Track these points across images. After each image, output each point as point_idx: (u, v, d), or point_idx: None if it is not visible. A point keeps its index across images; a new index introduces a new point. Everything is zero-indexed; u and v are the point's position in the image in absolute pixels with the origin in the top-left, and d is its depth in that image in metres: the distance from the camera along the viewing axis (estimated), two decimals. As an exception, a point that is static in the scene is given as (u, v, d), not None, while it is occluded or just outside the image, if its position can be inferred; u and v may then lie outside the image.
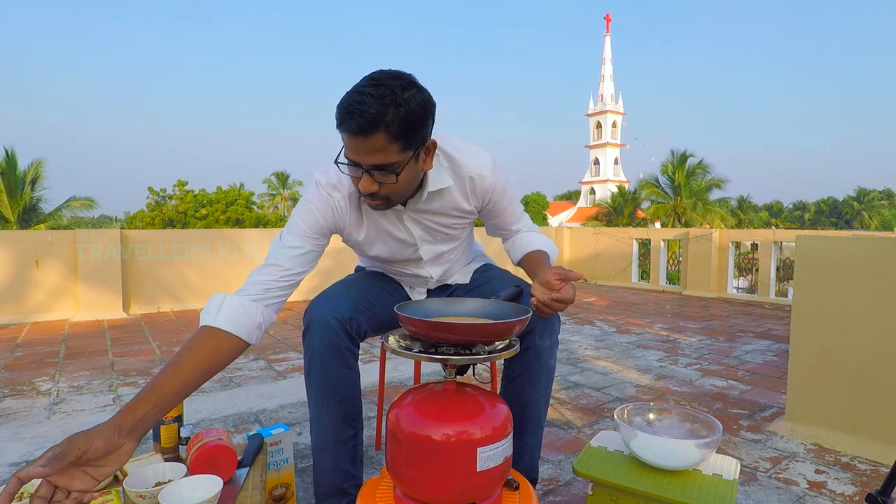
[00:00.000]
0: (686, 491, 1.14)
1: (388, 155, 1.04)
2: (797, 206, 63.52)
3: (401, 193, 1.14)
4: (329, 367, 1.21)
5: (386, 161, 1.05)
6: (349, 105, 1.01)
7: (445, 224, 1.31)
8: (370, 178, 1.08)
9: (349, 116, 1.01)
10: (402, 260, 1.38)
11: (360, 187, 1.10)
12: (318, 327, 1.20)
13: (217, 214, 20.02)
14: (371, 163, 1.05)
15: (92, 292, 4.88)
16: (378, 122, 1.00)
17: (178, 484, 1.04)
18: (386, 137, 1.02)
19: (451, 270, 1.48)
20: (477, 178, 1.25)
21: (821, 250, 2.01)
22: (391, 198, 1.14)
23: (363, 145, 1.03)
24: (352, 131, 1.01)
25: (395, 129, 1.02)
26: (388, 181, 1.08)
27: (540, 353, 1.27)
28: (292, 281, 1.19)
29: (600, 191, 47.21)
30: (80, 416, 2.30)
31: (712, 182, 25.96)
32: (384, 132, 1.01)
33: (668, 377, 2.91)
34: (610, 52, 50.51)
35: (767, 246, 6.26)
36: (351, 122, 1.01)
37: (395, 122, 1.01)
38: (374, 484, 1.11)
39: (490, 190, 1.28)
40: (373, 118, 0.99)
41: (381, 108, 1.00)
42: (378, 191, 1.10)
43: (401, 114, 1.01)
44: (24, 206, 19.17)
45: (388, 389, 2.64)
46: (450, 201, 1.26)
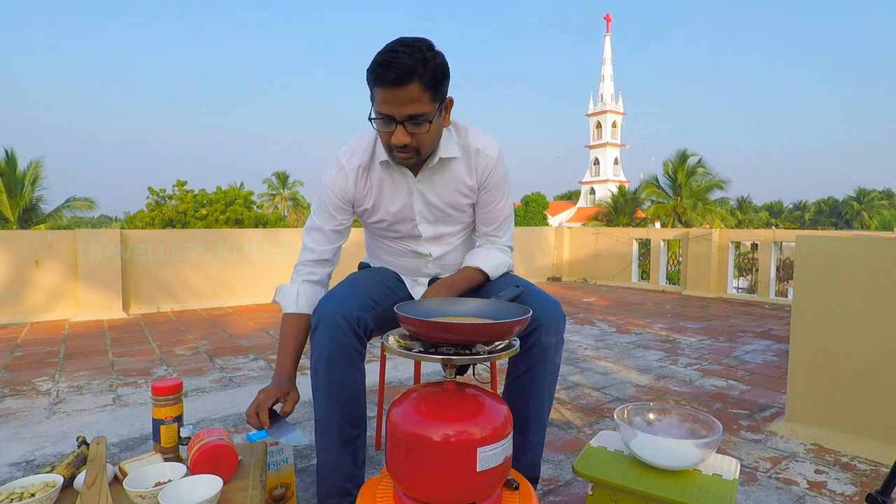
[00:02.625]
0: (686, 491, 1.14)
1: (421, 105, 1.16)
2: (797, 206, 63.48)
3: (428, 146, 1.25)
4: (336, 367, 1.21)
5: (419, 111, 1.16)
6: (384, 61, 1.12)
7: (448, 202, 1.39)
8: (403, 130, 1.18)
9: (386, 70, 1.12)
10: (402, 235, 1.44)
11: (394, 140, 1.19)
12: (326, 327, 1.21)
13: (216, 214, 20.01)
14: (406, 113, 1.16)
15: (92, 292, 4.88)
16: (413, 72, 1.12)
17: (178, 484, 1.04)
18: (420, 87, 1.14)
19: (450, 257, 1.49)
20: (483, 151, 1.35)
21: (821, 250, 2.01)
22: (420, 150, 1.24)
23: (399, 96, 1.14)
24: (389, 83, 1.12)
25: (427, 80, 1.14)
26: (421, 131, 1.19)
27: (545, 350, 1.27)
28: (329, 256, 1.42)
29: (600, 191, 47.19)
30: (80, 416, 2.30)
31: (713, 183, 25.91)
32: (418, 82, 1.13)
33: (668, 377, 2.91)
34: (610, 52, 50.49)
35: (767, 246, 6.26)
36: (388, 74, 1.11)
37: (426, 73, 1.13)
38: (374, 484, 1.11)
39: (490, 170, 1.37)
40: (408, 69, 1.11)
41: (415, 61, 1.12)
42: (410, 142, 1.20)
43: (430, 67, 1.14)
44: (24, 207, 19.14)
45: (388, 389, 2.64)
46: (455, 174, 1.36)
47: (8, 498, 1.04)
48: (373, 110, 1.19)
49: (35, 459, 1.88)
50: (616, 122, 50.27)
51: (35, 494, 1.04)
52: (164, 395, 1.25)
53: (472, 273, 1.40)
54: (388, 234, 1.47)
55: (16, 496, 1.04)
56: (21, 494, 1.04)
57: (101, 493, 1.03)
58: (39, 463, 1.85)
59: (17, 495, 1.04)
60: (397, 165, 1.34)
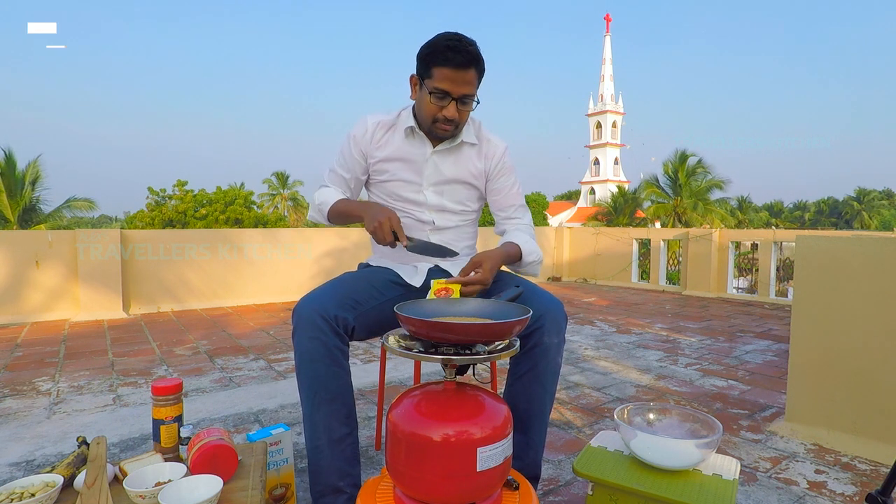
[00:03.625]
0: (686, 491, 1.14)
1: (473, 87, 1.36)
2: (797, 206, 63.48)
3: (463, 125, 1.44)
4: (318, 365, 1.22)
5: (471, 92, 1.36)
6: (453, 45, 1.29)
7: (456, 176, 1.51)
8: (455, 106, 1.36)
9: (455, 53, 1.29)
10: (407, 199, 1.51)
11: (447, 113, 1.36)
12: (305, 326, 1.22)
13: (216, 214, 20.01)
14: (462, 92, 1.34)
15: (92, 292, 4.88)
16: (476, 59, 1.32)
17: (178, 484, 1.04)
18: (476, 73, 1.34)
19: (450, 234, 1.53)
20: (493, 142, 1.55)
21: (821, 250, 2.01)
22: (459, 125, 1.42)
23: (462, 77, 1.32)
24: (457, 64, 1.30)
25: (481, 68, 1.36)
26: (467, 108, 1.39)
27: (547, 350, 1.28)
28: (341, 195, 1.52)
29: (600, 191, 47.20)
30: (80, 416, 2.30)
31: (713, 183, 25.92)
32: (475, 69, 1.33)
33: (668, 377, 2.91)
34: (610, 52, 50.50)
35: (767, 246, 6.26)
36: (459, 57, 1.29)
37: (482, 63, 1.35)
38: (374, 484, 1.11)
39: (499, 158, 1.54)
40: (474, 55, 1.32)
41: (477, 50, 1.33)
42: (457, 118, 1.37)
43: (482, 59, 1.35)
44: (24, 206, 19.13)
45: (388, 389, 2.64)
46: (468, 156, 1.52)
47: (8, 498, 1.04)
48: (428, 85, 1.34)
49: (35, 459, 1.88)
50: (616, 122, 50.26)
51: (35, 494, 1.04)
52: (164, 395, 1.25)
53: (512, 248, 1.44)
54: (394, 195, 1.51)
55: (16, 496, 1.04)
56: (21, 494, 1.04)
57: (101, 493, 1.03)
58: (39, 463, 1.85)
59: (17, 495, 1.04)
60: (421, 134, 1.46)
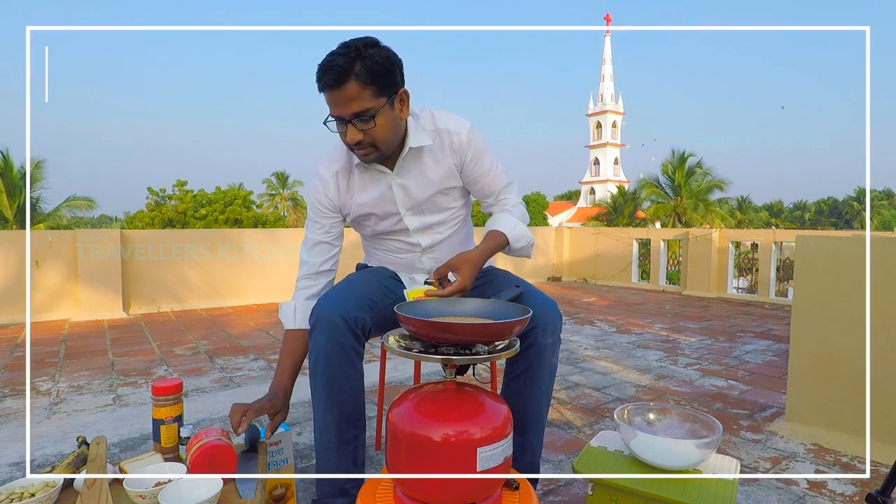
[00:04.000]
0: (686, 491, 1.14)
1: (363, 101, 1.19)
2: (797, 206, 63.46)
3: (385, 140, 1.26)
4: (334, 366, 1.21)
5: (362, 107, 1.19)
6: (322, 66, 1.18)
7: (430, 189, 1.40)
8: (354, 128, 1.22)
9: (324, 74, 1.18)
10: (391, 231, 1.48)
11: (347, 139, 1.24)
12: (324, 326, 1.21)
13: (216, 214, 20.01)
14: (351, 111, 1.20)
15: (92, 292, 4.88)
16: (347, 71, 1.16)
17: (178, 484, 1.04)
18: (357, 85, 1.17)
19: (442, 248, 1.50)
20: (454, 132, 1.37)
21: (821, 250, 2.01)
22: (377, 144, 1.26)
23: (340, 96, 1.18)
24: (328, 85, 1.18)
25: (364, 77, 1.17)
26: (368, 126, 1.22)
27: (542, 350, 1.27)
28: (327, 267, 1.46)
29: (600, 191, 47.20)
30: (80, 416, 2.30)
31: (713, 183, 25.93)
32: (354, 80, 1.17)
33: (668, 377, 2.90)
34: (610, 52, 50.52)
35: (767, 246, 6.26)
36: (326, 77, 1.17)
37: (362, 70, 1.17)
38: (374, 484, 1.11)
39: (466, 146, 1.38)
40: (342, 69, 1.16)
41: (348, 60, 1.16)
42: (363, 139, 1.24)
43: (367, 64, 1.17)
44: (20, 205, 19.07)
45: (388, 389, 2.64)
46: (432, 160, 1.38)
47: (8, 498, 1.04)
48: (328, 116, 1.25)
49: (35, 459, 1.88)
50: (616, 122, 50.28)
51: (35, 494, 1.04)
52: (164, 395, 1.25)
53: (496, 239, 1.35)
54: (378, 234, 1.49)
55: (16, 496, 1.04)
56: (21, 494, 1.04)
57: (101, 493, 1.03)
58: (39, 463, 1.85)
59: (17, 495, 1.04)
60: (374, 165, 1.37)
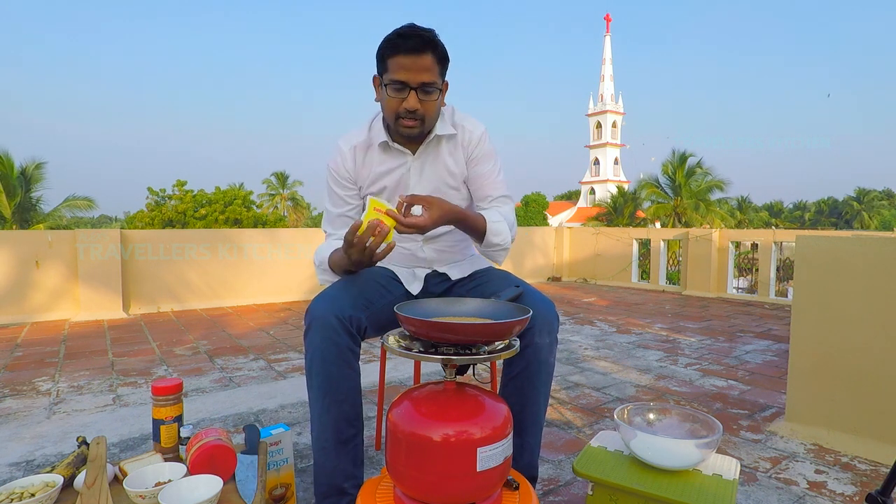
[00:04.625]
0: (686, 491, 1.14)
1: (432, 74, 1.27)
2: (797, 206, 63.46)
3: (431, 118, 1.34)
4: (330, 366, 1.21)
5: (431, 79, 1.27)
6: (404, 32, 1.24)
7: (441, 178, 1.44)
8: (416, 96, 1.27)
9: (405, 39, 1.23)
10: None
11: (406, 104, 1.27)
12: (319, 326, 1.21)
13: (216, 214, 20.00)
14: (420, 80, 1.26)
15: (92, 292, 4.88)
16: (430, 43, 1.25)
17: (178, 484, 1.05)
18: (433, 59, 1.26)
19: (444, 241, 1.49)
20: (468, 129, 1.44)
21: (821, 250, 2.01)
22: (425, 119, 1.32)
23: (416, 64, 1.24)
24: (408, 50, 1.23)
25: (439, 54, 1.27)
26: (430, 99, 1.29)
27: (539, 350, 1.27)
28: None
29: (600, 191, 47.20)
30: (80, 416, 2.30)
31: (713, 183, 25.94)
32: (432, 54, 1.26)
33: (668, 377, 2.91)
34: (610, 52, 50.52)
35: (767, 246, 6.26)
36: (408, 42, 1.23)
37: (439, 48, 1.27)
38: (374, 484, 1.11)
39: (476, 144, 1.44)
40: (427, 39, 1.24)
41: (431, 34, 1.26)
42: (419, 109, 1.28)
43: (440, 46, 1.28)
44: (17, 204, 19.03)
45: (388, 389, 2.64)
46: (449, 151, 1.43)
47: (8, 498, 1.04)
48: (386, 79, 1.27)
49: (35, 459, 1.88)
50: (616, 122, 50.28)
51: (35, 494, 1.04)
52: (164, 395, 1.25)
53: (478, 218, 1.31)
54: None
55: (16, 496, 1.04)
56: (21, 494, 1.05)
57: (101, 493, 1.03)
58: (39, 463, 1.85)
59: (17, 495, 1.04)
60: (395, 145, 1.39)
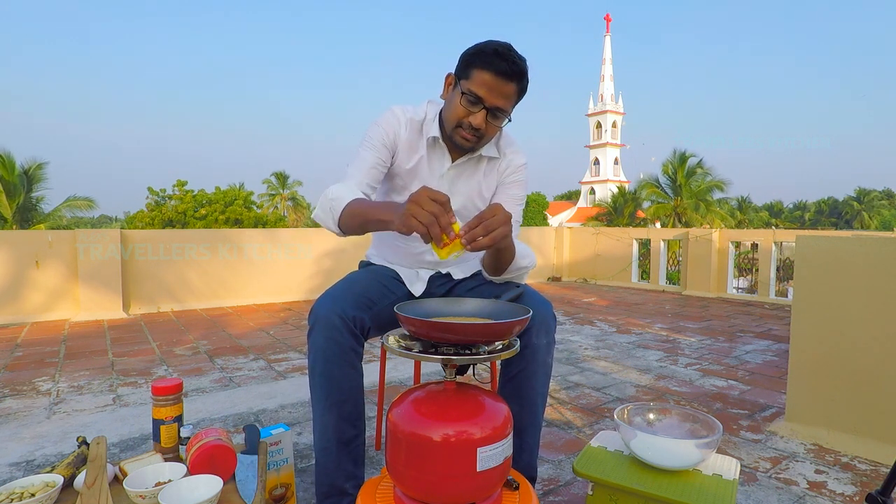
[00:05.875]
0: (686, 491, 1.14)
1: (509, 102, 1.27)
2: (797, 206, 63.48)
3: (487, 140, 1.34)
4: (333, 366, 1.21)
5: (506, 107, 1.27)
6: (502, 51, 1.21)
7: (469, 197, 1.43)
8: (485, 116, 1.26)
9: (502, 60, 1.21)
10: None
11: (473, 120, 1.27)
12: (322, 326, 1.21)
13: (216, 214, 20.00)
14: (496, 104, 1.25)
15: (92, 292, 4.88)
16: (521, 74, 1.24)
17: (178, 484, 1.04)
18: (516, 90, 1.26)
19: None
20: (511, 157, 1.45)
21: (821, 250, 2.01)
22: (483, 139, 1.32)
23: (502, 88, 1.23)
24: (500, 72, 1.21)
25: (522, 87, 1.28)
26: (497, 123, 1.30)
27: (537, 351, 1.27)
28: (363, 190, 1.32)
29: (600, 191, 47.19)
30: (80, 416, 2.30)
31: (713, 183, 25.95)
32: (517, 83, 1.25)
33: (668, 377, 2.91)
34: (610, 52, 50.50)
35: (767, 246, 6.26)
36: (504, 64, 1.21)
37: (524, 80, 1.27)
38: (374, 484, 1.11)
39: (513, 172, 1.45)
40: (521, 69, 1.24)
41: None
42: (482, 129, 1.28)
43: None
44: (18, 204, 19.03)
45: (388, 389, 2.64)
46: (485, 172, 1.43)
47: (8, 498, 1.04)
48: (463, 86, 1.25)
49: (35, 459, 1.88)
50: (616, 122, 50.26)
51: (35, 494, 1.04)
52: (164, 395, 1.25)
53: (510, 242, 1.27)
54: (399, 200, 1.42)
55: (16, 496, 1.04)
56: (21, 494, 1.04)
57: (101, 493, 1.03)
58: (39, 463, 1.85)
59: (17, 495, 1.04)
60: (443, 145, 1.38)
